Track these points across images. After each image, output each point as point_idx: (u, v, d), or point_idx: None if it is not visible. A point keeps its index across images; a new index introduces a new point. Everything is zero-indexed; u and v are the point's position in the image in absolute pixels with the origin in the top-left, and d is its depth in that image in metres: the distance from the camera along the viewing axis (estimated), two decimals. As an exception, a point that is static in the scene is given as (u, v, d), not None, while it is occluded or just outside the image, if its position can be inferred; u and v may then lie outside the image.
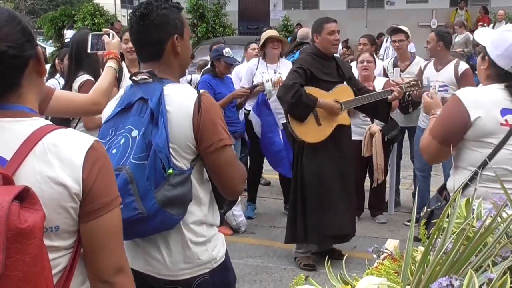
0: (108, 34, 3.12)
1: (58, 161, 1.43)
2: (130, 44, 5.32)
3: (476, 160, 2.56)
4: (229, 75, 6.13)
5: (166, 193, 1.99)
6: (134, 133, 2.03)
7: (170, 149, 2.01)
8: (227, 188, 2.21)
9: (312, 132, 4.73)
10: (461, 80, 5.46)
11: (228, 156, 2.14)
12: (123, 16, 24.02)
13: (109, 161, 1.55)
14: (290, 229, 4.97)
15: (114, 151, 2.04)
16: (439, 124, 2.68)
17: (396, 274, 1.38)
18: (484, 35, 2.71)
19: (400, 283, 1.27)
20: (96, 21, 19.71)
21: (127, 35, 5.33)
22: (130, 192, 1.96)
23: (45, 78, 1.67)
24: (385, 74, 6.44)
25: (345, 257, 1.70)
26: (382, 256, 1.63)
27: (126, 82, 5.20)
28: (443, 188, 2.81)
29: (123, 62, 5.25)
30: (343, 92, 4.77)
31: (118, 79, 5.15)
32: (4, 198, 1.26)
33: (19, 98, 1.46)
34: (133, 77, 2.18)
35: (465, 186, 2.48)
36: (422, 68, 5.94)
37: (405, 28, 6.60)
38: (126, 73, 5.25)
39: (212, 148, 2.08)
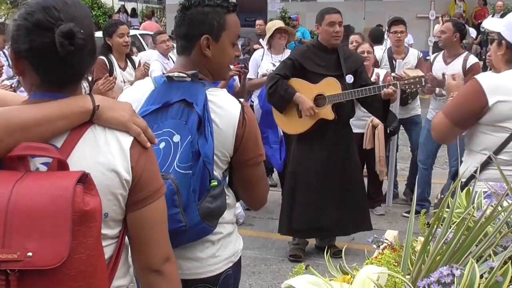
0: None
1: (109, 148, 1.45)
2: (126, 38, 5.34)
3: (491, 144, 2.55)
4: None
5: (209, 205, 1.94)
6: (176, 138, 1.93)
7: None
8: (255, 200, 2.24)
9: (291, 123, 4.72)
10: (468, 74, 5.39)
11: (262, 170, 2.16)
12: (120, 8, 23.96)
13: (153, 149, 1.57)
14: (279, 219, 5.06)
15: None
16: (455, 105, 2.66)
17: (396, 264, 1.38)
18: (495, 22, 2.71)
19: (401, 273, 1.27)
20: (94, 13, 19.70)
21: (122, 29, 5.31)
22: (175, 203, 1.87)
23: None
24: (377, 66, 6.37)
25: (343, 248, 1.70)
26: (381, 246, 1.63)
27: (117, 77, 5.19)
28: (455, 175, 2.80)
29: (111, 55, 5.23)
30: (329, 86, 4.60)
31: (109, 74, 5.14)
32: (68, 181, 1.29)
33: (76, 88, 1.49)
34: (169, 74, 2.07)
35: (480, 170, 2.47)
36: (431, 61, 5.86)
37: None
38: (117, 68, 5.23)
39: (251, 162, 2.08)
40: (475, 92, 2.55)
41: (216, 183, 1.96)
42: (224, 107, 2.01)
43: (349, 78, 4.64)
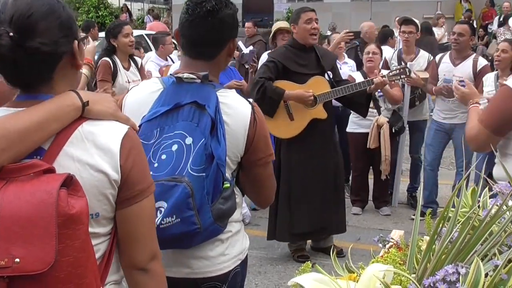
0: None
1: (96, 148, 1.45)
2: (132, 38, 5.35)
3: None
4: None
5: (221, 206, 1.95)
6: (188, 140, 1.91)
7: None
8: (263, 198, 2.27)
9: (283, 127, 4.61)
10: (479, 76, 5.36)
11: (270, 169, 2.17)
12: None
13: (142, 148, 1.57)
14: (268, 225, 4.97)
15: (164, 157, 1.92)
16: (492, 115, 2.66)
17: (401, 263, 1.39)
18: None
19: (406, 271, 1.28)
20: (100, 13, 19.74)
21: (127, 29, 5.31)
22: (190, 206, 1.87)
23: None
24: (387, 67, 6.34)
25: (349, 248, 1.71)
26: (387, 246, 1.64)
27: (122, 77, 5.21)
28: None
29: (115, 56, 5.26)
30: (318, 84, 4.56)
31: (113, 75, 5.16)
32: (51, 185, 1.29)
33: (51, 89, 1.47)
34: (178, 75, 2.02)
35: None
36: (436, 61, 5.81)
37: (416, 21, 6.51)
38: (121, 68, 5.25)
39: (262, 161, 2.09)
40: (510, 98, 2.56)
41: (228, 184, 1.97)
42: (235, 108, 2.02)
43: (329, 75, 4.67)
